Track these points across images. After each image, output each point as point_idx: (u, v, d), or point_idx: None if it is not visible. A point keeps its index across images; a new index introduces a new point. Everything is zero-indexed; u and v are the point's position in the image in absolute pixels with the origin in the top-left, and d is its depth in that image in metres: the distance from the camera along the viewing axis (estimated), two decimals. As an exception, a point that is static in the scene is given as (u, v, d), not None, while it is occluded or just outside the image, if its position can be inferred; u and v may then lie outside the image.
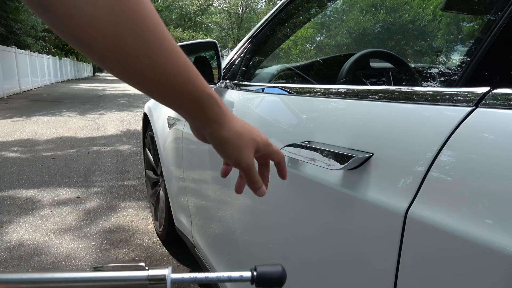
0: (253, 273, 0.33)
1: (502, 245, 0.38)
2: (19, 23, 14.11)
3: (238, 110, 1.07)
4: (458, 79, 0.58)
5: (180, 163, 1.52)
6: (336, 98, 0.76)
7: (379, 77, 1.34)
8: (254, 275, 0.33)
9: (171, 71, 0.36)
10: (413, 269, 0.49)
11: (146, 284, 0.30)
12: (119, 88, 16.88)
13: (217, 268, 1.22)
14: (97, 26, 0.31)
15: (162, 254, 2.02)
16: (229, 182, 1.07)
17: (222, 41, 35.51)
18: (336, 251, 0.64)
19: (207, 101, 0.40)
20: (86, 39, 0.32)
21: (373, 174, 0.57)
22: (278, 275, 0.33)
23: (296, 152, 0.72)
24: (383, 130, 0.59)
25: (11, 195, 2.84)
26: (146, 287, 0.30)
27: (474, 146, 0.45)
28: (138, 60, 0.34)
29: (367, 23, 2.91)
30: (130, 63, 0.34)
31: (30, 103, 9.35)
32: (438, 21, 1.79)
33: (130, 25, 0.32)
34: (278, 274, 0.33)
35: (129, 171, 3.51)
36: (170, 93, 0.37)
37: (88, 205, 2.66)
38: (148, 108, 2.13)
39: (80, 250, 2.03)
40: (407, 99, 0.60)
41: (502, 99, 0.46)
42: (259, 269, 0.33)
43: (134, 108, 8.87)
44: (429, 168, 0.48)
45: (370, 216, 0.56)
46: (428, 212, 0.47)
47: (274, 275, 0.33)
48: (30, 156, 4.02)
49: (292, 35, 1.45)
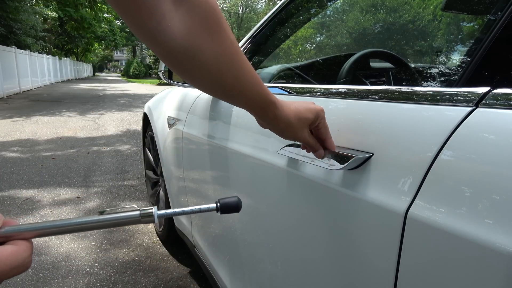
0: (217, 204, 0.43)
1: (502, 245, 0.38)
2: (19, 23, 14.11)
3: (238, 110, 1.07)
4: (458, 79, 0.58)
5: (180, 163, 1.52)
6: (336, 98, 0.76)
7: (379, 77, 1.34)
8: (218, 206, 0.43)
9: (247, 88, 0.50)
10: (413, 269, 0.49)
11: (139, 219, 0.38)
12: (119, 88, 16.88)
13: (217, 268, 1.22)
14: (205, 67, 0.45)
15: (162, 254, 2.02)
16: (229, 182, 1.08)
17: (222, 41, 35.39)
18: (336, 251, 0.64)
19: (270, 105, 0.54)
20: (195, 76, 0.46)
21: (373, 174, 0.56)
22: (235, 204, 0.43)
23: (296, 152, 0.72)
24: (383, 130, 0.59)
25: (11, 195, 2.84)
26: (139, 221, 0.38)
27: (474, 146, 0.45)
28: (229, 85, 0.48)
29: (367, 23, 2.91)
30: (222, 87, 0.48)
31: (30, 103, 9.35)
32: (438, 21, 1.79)
33: (227, 63, 0.46)
34: (235, 203, 0.43)
35: (129, 171, 3.51)
36: (244, 102, 0.52)
37: (88, 205, 2.66)
38: (148, 108, 2.13)
39: (80, 250, 2.03)
40: (407, 99, 0.60)
41: (502, 99, 0.46)
42: (222, 201, 0.43)
43: (134, 108, 8.87)
44: (429, 168, 0.48)
45: (370, 216, 0.56)
46: (428, 212, 0.47)
47: (232, 204, 0.43)
48: (30, 156, 4.02)
49: (292, 35, 1.44)
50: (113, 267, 1.87)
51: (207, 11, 0.42)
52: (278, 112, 0.55)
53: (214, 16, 0.43)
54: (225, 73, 0.46)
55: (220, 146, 1.10)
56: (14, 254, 0.33)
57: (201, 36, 0.42)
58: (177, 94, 1.79)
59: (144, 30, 0.41)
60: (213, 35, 0.43)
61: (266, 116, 0.55)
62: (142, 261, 1.94)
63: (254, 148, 0.92)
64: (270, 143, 0.85)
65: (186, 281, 1.77)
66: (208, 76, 0.46)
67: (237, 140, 1.01)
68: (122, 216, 0.38)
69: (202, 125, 1.29)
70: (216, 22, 0.44)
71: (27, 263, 0.34)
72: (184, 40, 0.42)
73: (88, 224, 0.37)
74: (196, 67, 0.44)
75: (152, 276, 1.80)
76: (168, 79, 1.35)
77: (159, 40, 0.41)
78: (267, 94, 0.52)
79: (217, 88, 0.48)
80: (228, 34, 0.45)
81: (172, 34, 0.41)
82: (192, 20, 0.41)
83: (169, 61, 0.45)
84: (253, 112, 0.55)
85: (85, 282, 1.74)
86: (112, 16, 18.19)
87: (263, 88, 0.52)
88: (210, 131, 1.20)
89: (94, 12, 15.51)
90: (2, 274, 0.31)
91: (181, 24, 0.41)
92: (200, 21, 0.42)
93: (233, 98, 0.51)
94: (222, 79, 0.46)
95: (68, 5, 16.93)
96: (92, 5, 14.91)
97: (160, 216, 0.39)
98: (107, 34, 26.89)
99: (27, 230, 0.35)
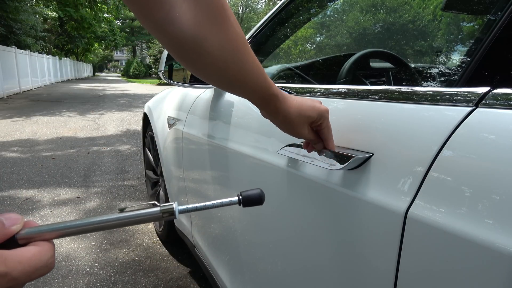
0: (239, 197, 0.41)
1: (502, 245, 0.38)
2: (19, 23, 14.10)
3: (238, 110, 1.07)
4: (458, 79, 0.58)
5: (180, 163, 1.52)
6: (336, 98, 0.76)
7: (379, 77, 1.34)
8: (240, 199, 0.40)
9: (251, 79, 0.50)
10: (413, 269, 0.49)
11: (160, 215, 0.37)
12: (119, 88, 16.88)
13: (217, 268, 1.22)
14: (210, 57, 0.45)
15: (162, 254, 2.02)
16: (229, 182, 1.08)
17: (222, 41, 35.41)
18: (336, 251, 0.64)
19: (271, 97, 0.55)
20: (201, 66, 0.47)
21: (373, 174, 0.56)
22: (258, 196, 0.41)
23: (296, 152, 0.72)
24: (383, 130, 0.59)
25: (11, 195, 2.84)
26: (161, 217, 0.37)
27: (474, 146, 0.45)
28: (233, 76, 0.48)
29: (367, 23, 2.91)
30: (227, 77, 0.48)
31: (30, 103, 9.35)
32: (438, 21, 1.79)
33: (232, 53, 0.46)
34: (258, 195, 0.41)
35: (129, 171, 3.51)
36: (247, 93, 0.53)
37: (88, 205, 2.66)
38: (148, 108, 2.13)
39: (80, 250, 2.03)
40: (407, 99, 0.60)
41: (502, 99, 0.46)
42: (244, 194, 0.41)
43: (134, 108, 8.87)
44: (429, 168, 0.48)
45: (370, 216, 0.56)
46: (428, 212, 0.47)
47: (255, 196, 0.41)
48: (30, 156, 4.02)
49: (292, 35, 1.44)
50: (113, 267, 1.87)
51: (213, 1, 0.43)
52: (280, 105, 0.56)
53: (220, 6, 0.44)
54: (230, 63, 0.47)
55: (220, 146, 1.10)
56: (37, 255, 0.32)
57: (207, 25, 0.43)
58: (177, 94, 1.79)
59: (153, 20, 0.42)
60: (219, 25, 0.44)
61: (268, 108, 0.56)
62: (142, 261, 1.94)
63: (254, 148, 0.92)
64: (270, 143, 0.85)
65: (186, 281, 1.77)
66: (213, 66, 0.46)
67: (237, 140, 1.01)
68: (142, 213, 0.37)
69: (202, 125, 1.29)
70: (222, 12, 0.44)
71: (50, 264, 0.33)
72: (192, 30, 0.42)
73: (109, 223, 0.37)
74: (202, 57, 0.45)
75: (152, 276, 1.80)
76: (168, 79, 1.35)
77: (167, 30, 0.42)
78: (270, 86, 0.53)
79: (222, 78, 0.49)
80: (233, 24, 0.46)
81: (180, 24, 0.42)
82: (199, 10, 0.42)
83: (176, 51, 0.45)
84: (255, 102, 0.56)
85: (85, 282, 1.74)
86: (112, 16, 18.20)
87: (267, 80, 0.53)
88: (210, 131, 1.20)
89: (94, 12, 15.51)
90: (25, 276, 0.31)
91: (188, 14, 0.42)
92: (207, 11, 0.43)
93: (237, 89, 0.53)
94: (227, 69, 0.47)
95: (68, 5, 16.91)
96: (92, 5, 14.91)
97: (181, 212, 0.38)
98: (107, 34, 26.87)
99: (48, 231, 0.35)
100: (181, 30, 0.42)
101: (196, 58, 0.45)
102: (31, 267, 0.31)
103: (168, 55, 1.29)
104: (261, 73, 0.51)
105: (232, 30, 0.46)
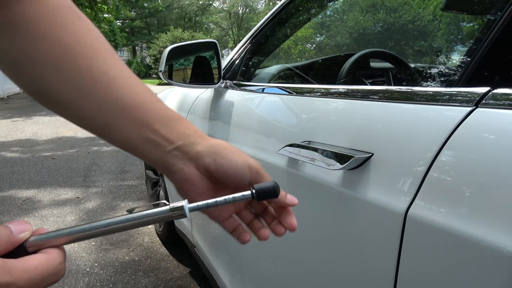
0: (252, 191, 0.38)
1: (502, 245, 0.38)
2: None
3: (238, 110, 1.07)
4: (458, 79, 0.58)
5: (180, 163, 1.52)
6: (336, 98, 0.76)
7: (379, 77, 1.34)
8: (253, 193, 0.38)
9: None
10: (413, 269, 0.49)
11: (170, 214, 0.35)
12: (119, 88, 16.84)
13: (217, 268, 1.22)
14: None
15: (162, 254, 2.02)
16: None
17: (222, 41, 35.53)
18: (336, 251, 0.64)
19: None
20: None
21: (373, 174, 0.57)
22: (272, 189, 0.38)
23: (296, 152, 0.72)
24: (383, 130, 0.59)
25: (11, 195, 2.84)
26: (170, 217, 0.36)
27: (474, 146, 0.45)
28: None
29: (367, 23, 2.91)
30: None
31: (30, 103, 9.35)
32: (438, 21, 1.79)
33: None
34: (272, 187, 0.38)
35: (129, 171, 3.51)
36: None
37: (88, 205, 2.66)
38: (148, 108, 2.13)
39: (80, 250, 2.03)
40: (407, 99, 0.60)
41: (502, 99, 0.46)
42: (257, 187, 0.38)
43: (134, 108, 8.85)
44: (429, 168, 0.48)
45: (370, 216, 0.56)
46: (428, 212, 0.47)
47: (269, 189, 0.38)
48: (30, 156, 4.02)
49: (292, 35, 1.45)
50: (113, 267, 1.87)
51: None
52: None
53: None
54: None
55: (220, 146, 1.10)
56: (43, 263, 0.30)
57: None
58: (177, 94, 1.79)
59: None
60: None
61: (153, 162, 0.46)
62: (142, 261, 1.94)
63: (254, 148, 0.92)
64: (270, 143, 0.85)
65: (186, 281, 1.77)
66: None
67: (237, 140, 1.01)
68: (151, 213, 0.36)
69: (202, 125, 1.29)
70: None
71: (60, 271, 0.31)
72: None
73: (119, 225, 0.35)
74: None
75: (152, 276, 1.80)
76: (168, 79, 1.35)
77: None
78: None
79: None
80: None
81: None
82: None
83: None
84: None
85: (85, 282, 1.74)
86: (112, 16, 18.20)
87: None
88: (210, 131, 1.20)
89: (94, 12, 15.50)
90: (32, 285, 0.29)
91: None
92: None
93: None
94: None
95: (68, 5, 16.91)
96: (92, 5, 14.91)
97: (192, 210, 0.36)
98: (107, 34, 26.87)
99: (57, 237, 0.34)
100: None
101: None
102: (38, 275, 0.29)
103: (168, 55, 1.29)
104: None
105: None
